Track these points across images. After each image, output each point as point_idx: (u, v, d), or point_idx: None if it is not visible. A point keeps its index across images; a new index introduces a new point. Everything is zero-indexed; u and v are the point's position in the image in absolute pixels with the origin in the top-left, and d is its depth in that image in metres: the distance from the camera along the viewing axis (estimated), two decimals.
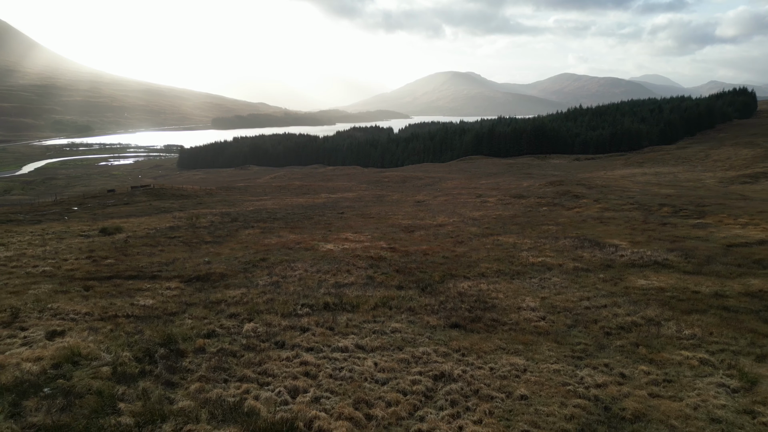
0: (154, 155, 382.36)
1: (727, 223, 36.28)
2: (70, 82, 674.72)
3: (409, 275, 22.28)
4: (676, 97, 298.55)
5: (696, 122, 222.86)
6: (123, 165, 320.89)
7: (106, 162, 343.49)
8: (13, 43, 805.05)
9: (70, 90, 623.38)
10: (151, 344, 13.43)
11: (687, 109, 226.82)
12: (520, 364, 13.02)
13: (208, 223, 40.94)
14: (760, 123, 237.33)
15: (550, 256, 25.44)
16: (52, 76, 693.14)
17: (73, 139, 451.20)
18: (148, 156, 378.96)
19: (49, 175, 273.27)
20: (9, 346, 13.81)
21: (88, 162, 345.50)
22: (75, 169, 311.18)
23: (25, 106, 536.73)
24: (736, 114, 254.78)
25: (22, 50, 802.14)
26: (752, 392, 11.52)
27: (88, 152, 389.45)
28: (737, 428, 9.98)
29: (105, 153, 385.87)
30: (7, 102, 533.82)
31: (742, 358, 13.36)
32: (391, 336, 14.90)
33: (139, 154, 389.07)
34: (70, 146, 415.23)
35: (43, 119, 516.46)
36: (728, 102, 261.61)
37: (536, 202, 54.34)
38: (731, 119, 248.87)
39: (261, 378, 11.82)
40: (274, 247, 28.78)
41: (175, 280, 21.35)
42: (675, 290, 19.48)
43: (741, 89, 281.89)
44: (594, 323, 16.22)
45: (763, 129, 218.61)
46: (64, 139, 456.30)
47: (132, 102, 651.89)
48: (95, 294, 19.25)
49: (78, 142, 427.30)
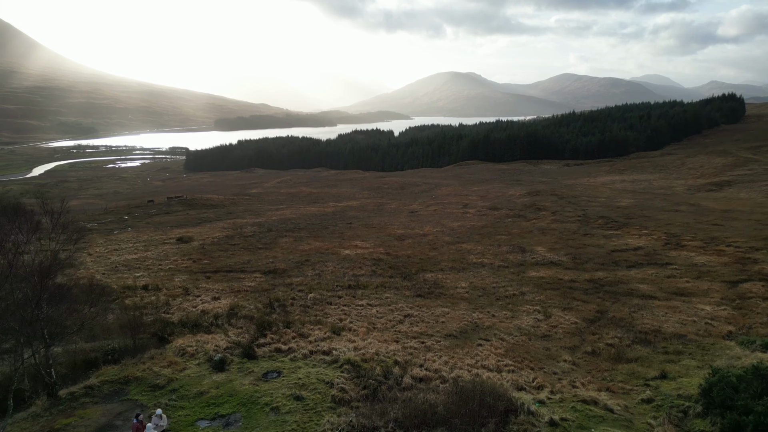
0: (160, 157, 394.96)
1: (631, 234, 51.07)
2: (72, 83, 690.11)
3: (397, 270, 37.25)
4: (668, 102, 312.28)
5: (683, 128, 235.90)
6: (130, 167, 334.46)
7: (114, 164, 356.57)
8: (14, 43, 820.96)
9: (74, 91, 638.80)
10: (267, 302, 28.37)
11: (674, 116, 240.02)
12: (446, 311, 27.95)
13: (251, 233, 55.83)
14: (745, 128, 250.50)
15: (487, 258, 40.42)
16: (54, 77, 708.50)
17: (79, 141, 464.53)
18: (154, 158, 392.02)
19: (60, 177, 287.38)
20: (198, 303, 28.75)
21: (96, 164, 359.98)
22: (84, 171, 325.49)
23: (31, 107, 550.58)
24: (724, 119, 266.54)
25: (23, 50, 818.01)
26: (545, 321, 26.39)
27: (95, 154, 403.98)
28: (524, 334, 24.83)
29: (112, 155, 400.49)
30: (12, 104, 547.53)
31: (554, 308, 28.27)
32: (384, 299, 29.86)
33: (145, 156, 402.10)
34: (76, 148, 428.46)
35: (48, 121, 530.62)
36: (716, 108, 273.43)
37: (505, 214, 69.10)
38: (718, 124, 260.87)
39: (323, 315, 26.72)
40: (309, 252, 43.75)
41: (257, 272, 36.32)
42: (549, 278, 34.43)
43: (730, 95, 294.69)
44: (493, 294, 31.18)
45: (747, 135, 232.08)
46: (70, 141, 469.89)
47: (135, 103, 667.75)
48: (215, 280, 34.19)
49: (84, 144, 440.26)
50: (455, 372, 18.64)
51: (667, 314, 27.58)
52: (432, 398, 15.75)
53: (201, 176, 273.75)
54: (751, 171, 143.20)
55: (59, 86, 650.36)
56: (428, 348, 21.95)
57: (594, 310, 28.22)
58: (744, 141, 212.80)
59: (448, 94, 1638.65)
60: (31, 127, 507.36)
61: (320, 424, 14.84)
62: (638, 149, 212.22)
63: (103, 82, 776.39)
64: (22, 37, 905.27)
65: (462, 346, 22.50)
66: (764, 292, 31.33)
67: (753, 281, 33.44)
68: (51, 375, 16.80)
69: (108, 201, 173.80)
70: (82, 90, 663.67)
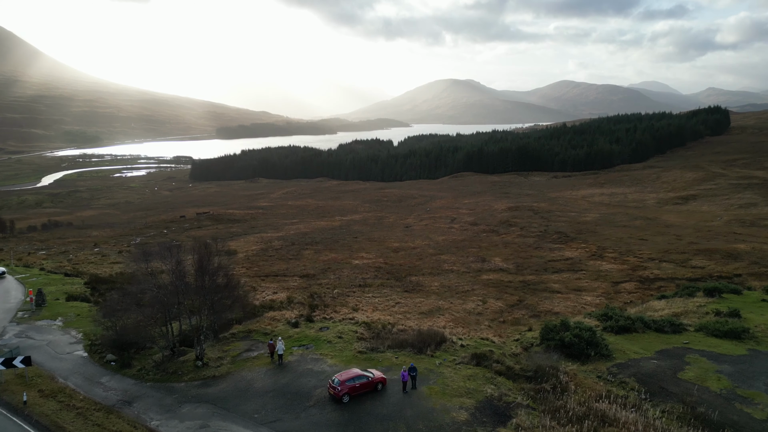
0: (165, 166, 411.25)
1: (571, 247, 68.49)
2: (75, 91, 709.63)
3: (392, 274, 54.72)
4: (657, 114, 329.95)
5: (667, 141, 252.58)
6: (137, 177, 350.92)
7: (121, 174, 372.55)
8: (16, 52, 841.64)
9: (77, 100, 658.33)
10: (309, 294, 45.87)
11: (659, 129, 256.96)
12: (422, 300, 45.48)
13: (280, 246, 73.28)
14: (728, 140, 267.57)
15: (456, 266, 57.87)
16: (56, 85, 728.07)
17: (84, 150, 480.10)
18: (159, 167, 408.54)
19: (70, 187, 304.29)
20: (265, 296, 46.15)
21: (103, 173, 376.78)
22: (92, 180, 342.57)
23: (35, 116, 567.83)
24: (708, 131, 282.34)
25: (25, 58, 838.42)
26: (483, 305, 43.85)
27: (101, 163, 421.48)
28: (467, 312, 42.22)
29: (117, 164, 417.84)
30: (17, 113, 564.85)
31: (490, 298, 45.78)
32: (383, 293, 47.53)
33: (150, 165, 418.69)
34: (82, 157, 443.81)
35: (53, 129, 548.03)
36: (702, 120, 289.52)
37: (482, 230, 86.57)
38: (703, 137, 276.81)
39: (345, 302, 44.23)
40: (328, 262, 61.22)
41: (295, 276, 53.80)
42: (495, 280, 51.90)
43: (715, 107, 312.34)
44: (454, 290, 48.71)
45: (728, 147, 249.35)
46: (75, 149, 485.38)
47: (137, 112, 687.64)
48: (269, 281, 51.66)
49: (89, 153, 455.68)
50: (419, 327, 35.99)
51: (561, 302, 44.96)
52: (405, 336, 33.04)
53: (207, 186, 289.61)
54: (716, 185, 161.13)
55: (62, 95, 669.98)
56: (407, 318, 39.32)
57: (516, 299, 45.59)
58: (724, 153, 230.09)
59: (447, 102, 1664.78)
60: (36, 136, 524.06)
61: (352, 347, 31.97)
62: (623, 161, 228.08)
63: (104, 90, 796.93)
64: (24, 45, 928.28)
65: (427, 318, 39.87)
66: (633, 288, 48.77)
67: (631, 282, 50.89)
68: (215, 328, 33.94)
69: (123, 211, 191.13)
70: (85, 99, 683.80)
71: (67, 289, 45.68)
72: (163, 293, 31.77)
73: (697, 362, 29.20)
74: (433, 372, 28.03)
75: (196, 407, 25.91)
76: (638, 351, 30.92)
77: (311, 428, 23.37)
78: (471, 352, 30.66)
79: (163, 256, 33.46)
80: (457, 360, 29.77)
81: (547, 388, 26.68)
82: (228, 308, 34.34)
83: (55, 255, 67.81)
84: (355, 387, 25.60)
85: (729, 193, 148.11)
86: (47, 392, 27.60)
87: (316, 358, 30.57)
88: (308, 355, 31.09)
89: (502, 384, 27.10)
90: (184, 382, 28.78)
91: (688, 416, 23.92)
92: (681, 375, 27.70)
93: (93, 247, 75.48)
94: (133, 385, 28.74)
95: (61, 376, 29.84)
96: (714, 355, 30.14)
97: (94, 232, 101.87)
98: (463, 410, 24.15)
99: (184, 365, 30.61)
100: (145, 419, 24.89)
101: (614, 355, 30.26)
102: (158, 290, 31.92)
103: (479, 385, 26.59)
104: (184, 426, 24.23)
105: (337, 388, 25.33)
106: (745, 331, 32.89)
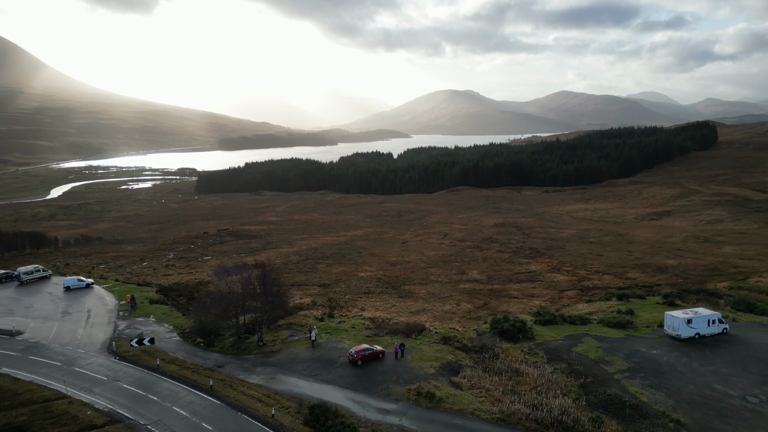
0: (170, 178, 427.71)
1: (537, 262, 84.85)
2: (78, 103, 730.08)
3: (390, 284, 71.23)
4: (649, 128, 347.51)
5: (654, 156, 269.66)
6: (143, 189, 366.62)
7: (127, 186, 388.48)
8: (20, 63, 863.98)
9: (80, 111, 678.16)
10: (327, 299, 62.37)
11: (647, 145, 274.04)
12: (412, 303, 62.03)
13: (297, 260, 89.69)
14: (714, 155, 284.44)
15: (440, 278, 74.24)
16: (59, 96, 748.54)
17: (90, 162, 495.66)
18: (164, 179, 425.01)
19: (79, 199, 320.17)
20: (294, 300, 62.75)
21: (110, 186, 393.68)
22: (100, 192, 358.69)
23: (39, 128, 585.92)
24: (695, 146, 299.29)
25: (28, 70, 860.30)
26: (457, 307, 60.31)
27: (107, 175, 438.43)
28: (444, 312, 58.64)
29: (123, 176, 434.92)
30: (22, 124, 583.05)
31: (463, 302, 62.29)
32: (383, 299, 64.23)
33: (155, 176, 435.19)
34: (88, 169, 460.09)
35: (57, 141, 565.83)
36: (689, 135, 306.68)
37: (468, 245, 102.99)
38: (690, 151, 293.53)
39: (354, 304, 60.62)
40: (339, 274, 77.59)
41: (314, 286, 70.34)
42: (469, 288, 68.43)
43: (703, 122, 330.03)
44: (437, 296, 65.32)
45: (713, 162, 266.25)
46: (80, 161, 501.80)
47: (140, 123, 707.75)
48: (294, 290, 68.17)
49: (95, 164, 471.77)
50: (407, 321, 52.34)
51: (516, 305, 61.19)
52: (398, 327, 49.44)
53: (213, 198, 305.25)
54: (690, 202, 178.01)
55: (66, 106, 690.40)
56: (400, 315, 55.66)
57: (482, 303, 61.82)
58: (707, 169, 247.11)
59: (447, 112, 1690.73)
60: (41, 148, 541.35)
61: (362, 333, 48.22)
62: (611, 176, 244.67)
63: (106, 101, 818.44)
64: (27, 57, 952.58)
65: (414, 316, 56.17)
66: (573, 295, 65.05)
67: (574, 290, 67.15)
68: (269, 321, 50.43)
69: (135, 224, 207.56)
70: (88, 110, 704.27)
71: (146, 295, 61.94)
72: (235, 296, 48.18)
73: (587, 342, 45.49)
74: (415, 348, 44.34)
75: (265, 368, 42.18)
76: (552, 335, 47.24)
77: (339, 378, 39.60)
78: (441, 336, 47.04)
79: (237, 271, 49.95)
80: (432, 341, 46.15)
81: (486, 357, 43.00)
82: (278, 308, 50.71)
83: (115, 268, 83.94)
84: (365, 356, 41.87)
85: (700, 210, 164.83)
86: (167, 360, 43.87)
87: (338, 340, 46.93)
88: (333, 339, 47.48)
89: (458, 354, 43.43)
90: (252, 355, 45.05)
91: (567, 371, 40.16)
92: (574, 349, 43.95)
93: (140, 262, 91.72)
94: (219, 357, 44.99)
95: (170, 351, 46.11)
96: (601, 338, 46.43)
97: (128, 247, 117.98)
98: (432, 368, 40.41)
99: (250, 345, 46.94)
100: (235, 374, 41.13)
101: (536, 338, 46.58)
102: (231, 295, 48.34)
103: (444, 355, 42.91)
104: (260, 378, 40.46)
105: (354, 355, 41.64)
106: (629, 323, 49.11)
